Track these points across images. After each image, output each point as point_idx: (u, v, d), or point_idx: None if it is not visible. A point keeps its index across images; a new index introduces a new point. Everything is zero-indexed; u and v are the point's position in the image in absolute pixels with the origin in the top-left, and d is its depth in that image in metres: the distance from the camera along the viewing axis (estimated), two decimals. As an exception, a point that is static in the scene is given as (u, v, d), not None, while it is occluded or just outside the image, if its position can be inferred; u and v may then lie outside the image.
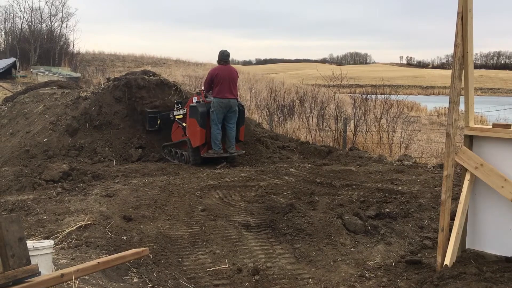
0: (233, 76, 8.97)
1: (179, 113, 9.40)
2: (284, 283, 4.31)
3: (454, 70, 4.08)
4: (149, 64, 40.38)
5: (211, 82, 8.82)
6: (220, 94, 8.68)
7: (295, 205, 5.86)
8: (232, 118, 8.90)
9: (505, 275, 3.70)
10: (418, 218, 5.70)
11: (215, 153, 8.71)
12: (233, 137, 8.93)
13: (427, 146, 12.72)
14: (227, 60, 9.07)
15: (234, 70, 9.14)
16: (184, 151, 9.14)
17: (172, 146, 9.51)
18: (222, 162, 8.81)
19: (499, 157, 4.04)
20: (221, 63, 8.99)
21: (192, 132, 8.82)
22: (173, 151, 9.42)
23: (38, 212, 5.82)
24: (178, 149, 9.33)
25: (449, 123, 4.13)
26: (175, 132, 9.62)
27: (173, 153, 9.40)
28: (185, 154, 9.06)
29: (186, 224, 5.46)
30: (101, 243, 4.71)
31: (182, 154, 9.13)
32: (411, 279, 4.25)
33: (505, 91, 65.77)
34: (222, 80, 8.71)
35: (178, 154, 9.24)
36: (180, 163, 9.05)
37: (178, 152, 9.26)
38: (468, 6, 4.01)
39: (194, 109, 8.80)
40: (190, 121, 8.92)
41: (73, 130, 9.48)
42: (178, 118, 9.42)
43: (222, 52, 8.99)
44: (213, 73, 8.86)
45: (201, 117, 8.63)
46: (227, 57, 9.04)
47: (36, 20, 39.27)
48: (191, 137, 8.84)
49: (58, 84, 17.06)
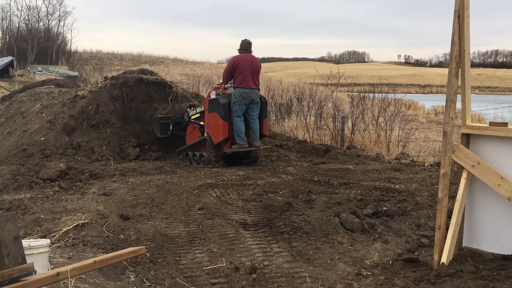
0: (256, 65, 8.41)
1: (196, 112, 8.95)
2: (281, 281, 4.31)
3: (451, 68, 4.08)
4: (146, 63, 40.33)
5: (232, 71, 8.25)
6: (242, 84, 8.12)
7: (292, 204, 5.86)
8: (255, 110, 8.36)
9: (501, 273, 3.70)
10: (415, 216, 5.71)
11: (240, 147, 8.16)
12: (257, 130, 8.37)
13: (424, 144, 12.73)
14: (249, 48, 8.45)
15: (256, 59, 8.54)
16: (203, 152, 8.62)
17: (189, 149, 9.04)
18: (245, 160, 8.48)
19: (496, 155, 4.04)
20: (242, 51, 8.41)
21: (213, 127, 8.31)
22: (190, 154, 8.94)
23: (35, 211, 5.81)
24: (195, 151, 8.86)
25: (446, 121, 4.13)
26: (190, 134, 9.16)
27: (190, 156, 8.93)
28: (205, 155, 8.54)
29: (183, 223, 5.46)
30: (98, 242, 4.70)
31: (202, 155, 8.62)
32: (408, 277, 4.25)
33: (503, 90, 65.92)
34: (243, 69, 8.15)
35: (197, 156, 8.75)
36: (199, 166, 8.54)
37: (196, 155, 8.78)
38: (465, 4, 4.00)
39: (214, 102, 8.28)
40: (210, 116, 8.39)
41: (70, 129, 9.47)
42: (194, 118, 8.98)
43: (244, 40, 8.45)
44: (234, 61, 8.28)
45: (223, 109, 8.11)
46: (249, 45, 8.44)
47: (33, 18, 39.30)
48: (212, 133, 8.33)
49: (56, 82, 17.08)
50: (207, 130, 8.47)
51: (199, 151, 8.72)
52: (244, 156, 8.55)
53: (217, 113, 8.16)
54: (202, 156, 8.59)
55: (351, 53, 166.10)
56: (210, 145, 8.33)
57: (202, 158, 8.59)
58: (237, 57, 8.33)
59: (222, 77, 8.56)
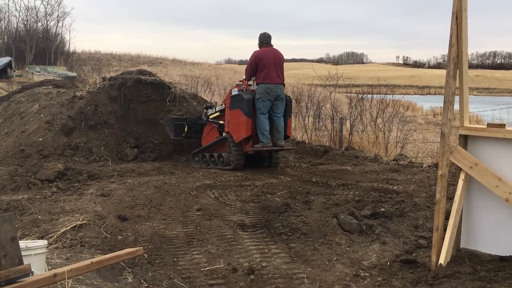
0: (279, 58, 7.98)
1: (215, 110, 8.54)
2: (279, 282, 4.31)
3: (448, 69, 4.09)
4: (145, 64, 40.34)
5: (255, 67, 7.81)
6: (266, 79, 7.70)
7: (290, 205, 5.86)
8: (280, 107, 7.91)
9: (499, 274, 3.70)
10: (413, 218, 5.71)
11: (264, 146, 7.68)
12: (282, 128, 7.91)
13: (422, 145, 12.74)
14: (270, 41, 8.05)
15: (279, 52, 8.07)
16: (222, 152, 8.22)
17: (206, 151, 8.64)
18: (265, 163, 8.21)
19: (494, 156, 4.05)
20: (264, 45, 7.99)
21: (235, 125, 7.89)
22: (207, 156, 8.55)
23: (32, 212, 5.80)
24: (213, 152, 8.45)
25: (444, 122, 4.14)
26: (207, 136, 8.76)
27: (207, 158, 8.54)
28: (224, 155, 8.14)
29: (181, 224, 5.46)
30: (96, 243, 4.69)
31: (221, 156, 8.22)
32: (406, 278, 4.26)
33: (501, 91, 66.06)
34: (267, 63, 7.73)
35: (214, 157, 8.37)
36: (217, 168, 8.15)
37: (214, 156, 8.39)
38: (463, 5, 4.01)
39: (237, 98, 7.87)
40: (231, 113, 7.97)
41: (68, 130, 9.45)
42: (213, 117, 8.58)
43: (263, 34, 8.05)
44: (256, 56, 7.82)
45: (247, 105, 7.67)
46: (270, 38, 8.05)
47: (31, 19, 39.24)
48: (233, 131, 7.92)
49: (54, 83, 17.04)
50: (228, 128, 8.07)
51: (217, 152, 8.35)
52: (264, 159, 8.24)
53: (240, 109, 7.75)
54: (221, 157, 8.21)
55: (349, 54, 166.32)
56: (231, 144, 7.94)
57: (220, 159, 8.21)
58: (259, 52, 7.91)
59: (245, 74, 8.20)
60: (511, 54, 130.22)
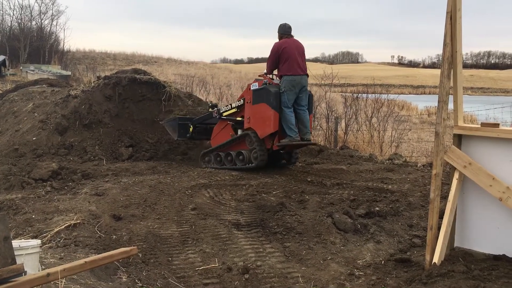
0: (301, 49, 7.69)
1: (230, 107, 8.18)
2: (274, 281, 4.31)
3: (443, 69, 4.11)
4: (140, 63, 40.23)
5: (277, 59, 7.50)
6: (290, 70, 7.39)
7: (285, 204, 5.86)
8: (304, 99, 7.61)
9: (493, 273, 3.72)
10: (407, 217, 5.73)
11: (292, 141, 7.36)
12: (308, 121, 7.61)
13: (417, 145, 12.79)
14: (290, 32, 7.74)
15: (300, 43, 7.77)
16: (241, 150, 7.85)
17: (219, 150, 8.28)
18: (283, 162, 8.00)
19: (488, 156, 4.06)
20: (284, 36, 7.67)
21: (260, 120, 7.53)
22: (222, 155, 8.20)
23: (26, 211, 5.77)
24: (229, 151, 8.10)
25: (438, 122, 4.15)
26: (219, 134, 8.39)
27: (223, 157, 8.19)
28: (245, 153, 7.76)
29: (176, 223, 5.44)
30: (90, 243, 4.68)
31: (240, 153, 7.83)
32: (400, 277, 4.27)
33: (495, 91, 66.34)
34: (290, 55, 7.44)
35: (232, 156, 7.99)
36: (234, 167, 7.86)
37: (231, 155, 8.02)
38: (457, 5, 4.02)
39: (262, 92, 7.52)
40: (255, 108, 7.61)
41: (62, 129, 9.41)
42: (227, 114, 8.20)
43: (284, 25, 7.75)
44: (278, 47, 7.51)
45: (274, 99, 7.35)
46: (290, 29, 7.74)
47: (26, 17, 39.06)
48: (258, 127, 7.56)
49: (48, 82, 16.99)
50: (249, 124, 7.71)
51: (235, 150, 7.97)
52: (282, 157, 7.99)
53: (267, 103, 7.41)
54: (240, 155, 7.83)
55: (345, 54, 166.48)
56: (254, 140, 7.59)
57: (240, 157, 7.84)
58: (280, 43, 7.59)
59: (266, 67, 7.83)
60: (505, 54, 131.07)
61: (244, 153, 7.76)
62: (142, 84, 10.51)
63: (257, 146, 7.55)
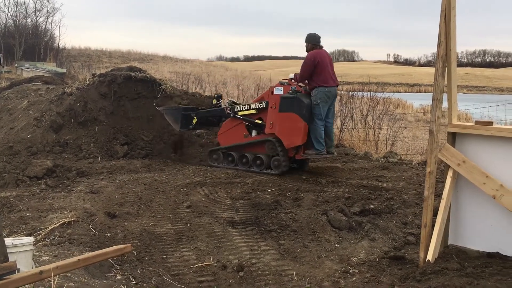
0: (331, 60, 7.75)
1: (249, 107, 7.89)
2: (269, 279, 4.31)
3: (437, 67, 4.11)
4: (136, 60, 40.11)
5: (313, 69, 7.36)
6: (325, 82, 7.34)
7: (280, 202, 5.87)
8: (332, 112, 7.66)
9: (486, 270, 3.74)
10: (402, 215, 5.75)
11: (319, 154, 7.30)
12: (333, 134, 7.69)
13: (412, 143, 12.83)
14: (320, 42, 7.70)
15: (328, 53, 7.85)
16: (259, 154, 7.66)
17: (232, 149, 8.02)
18: (294, 165, 7.78)
19: (481, 154, 4.08)
20: (316, 47, 7.63)
21: (288, 130, 7.34)
22: (236, 155, 7.93)
23: (21, 209, 5.75)
24: (245, 152, 7.85)
25: (432, 120, 4.16)
26: (229, 132, 8.10)
27: (236, 158, 7.94)
28: (264, 158, 7.58)
29: (171, 221, 5.44)
30: (84, 240, 4.67)
31: (258, 158, 7.65)
32: (394, 274, 4.28)
33: (490, 89, 66.59)
34: (324, 66, 7.41)
35: (248, 159, 7.78)
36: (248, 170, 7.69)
37: (246, 157, 7.80)
38: (452, 4, 4.03)
39: (294, 101, 7.31)
40: (283, 116, 7.38)
41: (57, 126, 9.38)
42: (244, 114, 7.92)
43: (314, 35, 7.67)
44: (314, 58, 7.39)
45: (307, 110, 7.23)
46: (320, 39, 7.71)
47: (21, 15, 38.87)
48: (285, 136, 7.38)
49: (43, 79, 16.94)
50: (274, 130, 7.50)
51: (251, 153, 7.76)
52: (293, 161, 7.77)
53: (298, 114, 7.24)
54: (258, 159, 7.65)
55: (341, 52, 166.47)
56: (279, 150, 7.45)
57: (257, 162, 7.67)
58: (315, 54, 7.47)
59: (300, 75, 7.58)
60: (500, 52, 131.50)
61: (263, 158, 7.60)
62: (138, 82, 10.48)
63: (281, 154, 7.42)
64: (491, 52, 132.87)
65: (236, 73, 37.11)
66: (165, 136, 9.62)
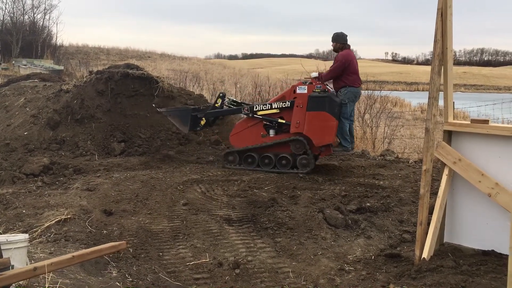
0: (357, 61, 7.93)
1: (270, 107, 7.70)
2: (265, 276, 4.32)
3: (433, 66, 4.12)
4: (133, 58, 40.01)
5: (343, 69, 7.50)
6: (354, 83, 7.55)
7: (277, 200, 5.88)
8: (354, 112, 7.99)
9: (481, 268, 3.75)
10: (398, 212, 5.76)
11: (345, 150, 7.57)
12: (353, 132, 8.01)
13: (409, 141, 12.85)
14: (347, 41, 7.83)
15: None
16: (283, 154, 7.54)
17: (251, 151, 7.73)
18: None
19: (477, 152, 4.09)
20: (345, 46, 7.74)
21: (319, 128, 7.32)
22: (257, 156, 7.66)
23: (17, 206, 5.75)
24: (267, 153, 7.63)
25: (428, 118, 4.17)
26: (245, 132, 7.86)
27: (257, 159, 7.66)
28: (289, 157, 7.51)
29: (167, 218, 5.44)
30: (80, 237, 4.67)
31: (284, 157, 7.52)
32: (390, 272, 4.29)
33: (487, 88, 66.61)
34: (353, 66, 7.57)
35: (272, 159, 7.57)
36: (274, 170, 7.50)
37: (270, 157, 7.59)
38: (448, 2, 4.04)
39: (325, 100, 7.32)
40: (313, 115, 7.33)
41: (54, 124, 9.36)
42: (264, 113, 7.71)
43: (342, 34, 7.77)
44: (346, 58, 7.53)
45: (338, 109, 7.37)
46: (347, 38, 7.84)
47: (18, 11, 38.65)
48: (315, 135, 7.34)
49: (40, 76, 16.88)
50: (300, 129, 7.42)
51: (274, 153, 7.61)
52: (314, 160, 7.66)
53: (330, 113, 7.28)
54: (284, 159, 7.54)
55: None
56: (308, 148, 7.43)
57: (282, 162, 7.54)
58: (347, 54, 7.63)
59: (329, 74, 7.64)
60: (498, 51, 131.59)
61: (289, 157, 7.53)
62: (135, 79, 10.45)
63: (309, 153, 7.44)
64: (489, 51, 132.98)
65: (234, 71, 37.05)
66: (162, 134, 9.62)
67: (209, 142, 9.69)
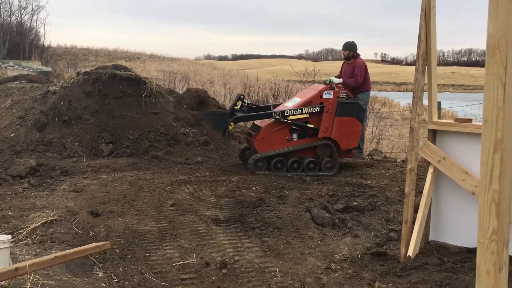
0: None
1: (301, 112, 7.67)
2: (252, 276, 4.33)
3: (417, 65, 4.17)
4: (122, 59, 39.80)
5: (365, 74, 8.26)
6: (369, 87, 8.38)
7: (265, 199, 5.89)
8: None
9: (465, 265, 3.79)
10: (384, 211, 5.80)
11: (360, 152, 8.27)
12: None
13: (398, 141, 12.94)
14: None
15: None
16: (310, 157, 7.62)
17: (281, 156, 7.63)
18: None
19: (461, 151, 4.14)
20: (357, 54, 8.54)
21: (346, 133, 7.68)
22: (286, 161, 7.60)
23: (2, 208, 5.70)
24: (295, 157, 7.62)
25: (413, 117, 4.21)
26: (271, 137, 7.74)
27: (287, 164, 7.57)
28: (316, 161, 7.63)
29: (154, 219, 5.43)
30: (66, 239, 4.64)
31: (312, 161, 7.59)
32: (376, 270, 4.33)
33: (475, 88, 67.21)
34: (367, 71, 8.39)
35: (301, 163, 7.59)
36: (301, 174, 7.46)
37: (300, 161, 7.60)
38: (432, 2, 4.08)
39: (354, 107, 7.71)
40: (342, 120, 7.62)
41: (41, 125, 9.28)
42: (294, 118, 7.66)
43: (354, 43, 8.63)
44: (365, 65, 8.36)
45: (363, 115, 8.02)
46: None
47: (5, 12, 38.32)
48: (343, 139, 7.68)
49: (28, 78, 16.76)
50: (329, 134, 7.63)
51: (301, 157, 7.67)
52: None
53: (358, 118, 7.73)
54: (312, 162, 7.61)
55: (328, 51, 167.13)
56: (335, 150, 7.68)
57: (310, 165, 7.61)
58: (363, 61, 8.44)
59: (357, 81, 8.07)
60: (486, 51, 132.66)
61: (316, 161, 7.67)
62: (123, 80, 10.39)
63: (336, 156, 7.73)
64: (477, 51, 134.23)
65: (224, 72, 37.01)
66: (151, 135, 9.58)
67: (198, 143, 9.66)
